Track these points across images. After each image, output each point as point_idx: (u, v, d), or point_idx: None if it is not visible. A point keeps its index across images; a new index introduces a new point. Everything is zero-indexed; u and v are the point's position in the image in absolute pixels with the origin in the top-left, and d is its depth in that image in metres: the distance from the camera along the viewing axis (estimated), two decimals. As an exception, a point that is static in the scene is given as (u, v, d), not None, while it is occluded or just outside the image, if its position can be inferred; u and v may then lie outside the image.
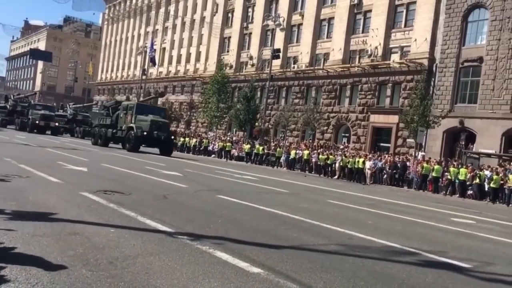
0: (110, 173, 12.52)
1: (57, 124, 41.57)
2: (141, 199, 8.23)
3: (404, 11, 36.98)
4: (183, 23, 65.32)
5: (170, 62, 68.47)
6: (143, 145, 27.49)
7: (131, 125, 27.20)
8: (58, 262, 3.94)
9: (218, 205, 8.55)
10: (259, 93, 47.01)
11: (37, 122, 39.99)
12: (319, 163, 29.33)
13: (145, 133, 26.09)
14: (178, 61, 66.65)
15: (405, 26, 36.76)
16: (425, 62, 33.69)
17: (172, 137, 29.72)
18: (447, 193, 23.17)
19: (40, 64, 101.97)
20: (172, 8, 68.90)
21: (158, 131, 26.58)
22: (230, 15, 56.45)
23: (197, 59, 62.85)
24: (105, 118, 31.19)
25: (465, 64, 31.73)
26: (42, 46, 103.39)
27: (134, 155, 23.32)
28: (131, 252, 4.49)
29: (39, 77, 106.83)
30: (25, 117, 42.46)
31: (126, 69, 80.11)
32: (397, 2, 37.35)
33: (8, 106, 47.27)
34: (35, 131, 39.35)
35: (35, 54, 79.32)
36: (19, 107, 45.78)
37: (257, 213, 8.24)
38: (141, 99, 35.85)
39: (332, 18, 42.65)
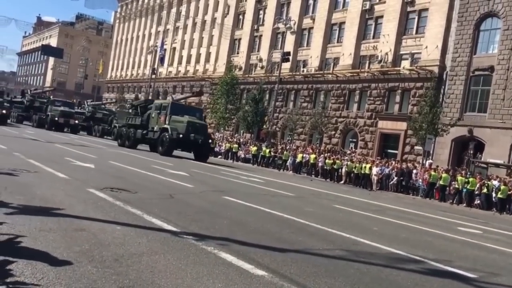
0: (117, 171, 12.57)
1: (76, 121, 39.84)
2: (148, 197, 8.25)
3: (416, 17, 36.84)
4: (194, 24, 65.52)
5: (180, 62, 68.67)
6: (177, 149, 25.36)
7: (165, 126, 24.78)
8: (64, 257, 3.96)
9: (223, 206, 8.56)
10: (267, 96, 47.02)
11: (56, 119, 37.92)
12: (325, 167, 29.26)
13: (180, 135, 23.72)
14: (188, 61, 66.84)
15: (416, 33, 36.62)
16: (436, 69, 33.53)
17: (210, 140, 26.95)
18: (454, 202, 23.03)
19: (51, 60, 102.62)
20: (183, 8, 69.15)
21: (195, 134, 24.18)
22: (241, 17, 56.55)
23: (207, 60, 62.99)
24: (134, 118, 28.88)
25: (476, 73, 31.55)
26: (53, 42, 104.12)
27: (140, 153, 23.38)
28: (137, 250, 4.51)
29: (49, 73, 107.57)
30: (43, 114, 40.51)
31: (136, 68, 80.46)
32: (409, 9, 37.23)
33: (25, 102, 45.00)
34: (53, 128, 37.66)
35: (46, 50, 79.83)
36: (37, 102, 43.70)
37: (262, 215, 8.24)
38: (175, 97, 32.36)
39: (343, 22, 42.58)
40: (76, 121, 39.64)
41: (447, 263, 6.06)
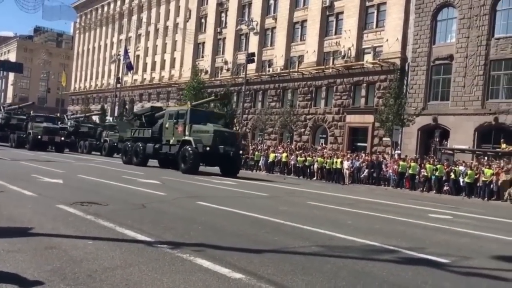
0: (86, 184, 12.33)
1: (62, 138, 35.44)
2: (119, 209, 8.13)
3: (375, 12, 37.54)
4: (156, 30, 64.95)
5: (144, 70, 67.97)
6: (202, 164, 21.95)
7: (186, 138, 21.19)
8: (35, 278, 3.85)
9: (197, 212, 8.51)
10: (235, 98, 47.02)
11: (39, 137, 33.73)
12: (297, 165, 29.48)
13: (207, 148, 20.11)
14: (153, 68, 66.22)
15: (376, 26, 37.31)
16: (398, 61, 34.23)
17: (241, 152, 23.28)
18: (424, 189, 23.55)
19: (11, 75, 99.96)
20: (144, 15, 68.45)
21: (225, 145, 20.53)
22: (203, 20, 56.38)
23: (172, 66, 62.54)
24: (141, 130, 25.07)
25: (436, 62, 32.37)
26: (12, 57, 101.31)
27: (111, 164, 23.01)
28: (110, 264, 4.43)
29: (10, 89, 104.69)
30: (22, 132, 36.29)
31: (100, 78, 79.17)
32: (368, 4, 37.89)
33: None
34: (35, 148, 33.38)
35: (5, 65, 77.52)
36: (14, 120, 38.77)
37: (237, 218, 8.23)
38: (193, 102, 27.88)
39: (305, 20, 43.01)
40: (62, 138, 35.53)
41: (420, 251, 6.19)
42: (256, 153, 33.45)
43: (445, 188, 23.09)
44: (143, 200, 9.38)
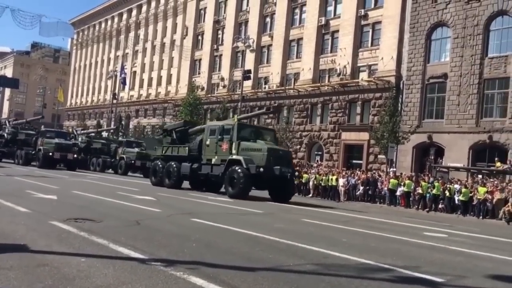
0: (80, 200, 12.26)
1: (75, 155, 32.28)
2: (113, 225, 8.07)
3: (370, 30, 37.96)
4: (153, 47, 65.34)
5: (141, 86, 68.18)
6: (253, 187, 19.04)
7: (234, 157, 18.47)
8: (26, 295, 3.81)
9: (192, 229, 8.46)
10: (231, 114, 47.09)
11: (50, 154, 30.97)
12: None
13: (261, 169, 17.40)
14: (149, 84, 66.44)
15: (371, 45, 37.69)
16: (393, 79, 34.52)
17: (296, 173, 21.10)
18: (419, 207, 23.53)
19: (7, 91, 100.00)
20: (141, 32, 68.91)
21: (282, 166, 17.81)
22: (200, 37, 56.81)
23: (168, 82, 62.79)
24: (174, 148, 22.30)
25: (431, 80, 32.67)
26: (9, 72, 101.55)
27: (106, 180, 22.89)
28: (103, 282, 4.39)
29: (6, 104, 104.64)
30: (30, 148, 33.58)
31: (97, 94, 79.33)
32: (363, 22, 38.32)
33: (5, 135, 36.55)
34: (46, 166, 30.64)
35: (1, 81, 77.34)
36: (22, 135, 35.76)
37: (231, 235, 8.18)
38: (239, 115, 24.82)
39: (301, 38, 43.42)
40: (75, 155, 32.25)
41: (415, 269, 6.17)
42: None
43: (440, 206, 23.09)
44: (138, 217, 9.33)
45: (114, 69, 67.11)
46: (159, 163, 22.49)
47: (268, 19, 47.78)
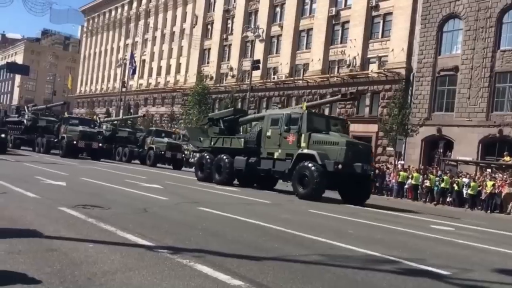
0: (89, 187, 12.36)
1: (100, 144, 30.48)
2: (121, 213, 8.14)
3: (381, 21, 37.62)
4: (163, 35, 65.29)
5: (150, 74, 68.28)
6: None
7: (305, 151, 16.04)
8: (34, 279, 3.86)
9: (198, 217, 8.51)
10: (239, 104, 47.08)
11: (74, 142, 29.15)
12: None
13: (339, 166, 15.03)
14: (158, 73, 66.51)
15: (382, 36, 37.38)
16: (403, 71, 34.25)
17: (372, 172, 18.53)
18: (427, 200, 23.47)
19: (18, 77, 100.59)
20: (151, 20, 68.87)
21: (363, 163, 15.57)
22: (209, 26, 56.65)
23: (177, 71, 62.81)
24: (226, 139, 19.66)
25: (441, 73, 32.38)
26: (19, 59, 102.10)
27: (113, 167, 23.01)
28: (110, 268, 4.43)
29: (16, 91, 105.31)
30: (52, 136, 32.00)
31: (106, 82, 79.58)
32: (374, 13, 37.99)
33: (24, 121, 35.02)
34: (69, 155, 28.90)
35: (12, 67, 78.25)
36: (43, 122, 34.14)
37: (238, 224, 8.22)
38: (307, 103, 21.97)
39: (311, 29, 43.14)
40: (100, 144, 30.52)
41: (421, 262, 6.16)
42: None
43: (448, 199, 23.01)
44: (145, 205, 9.40)
45: (124, 57, 67.26)
46: (207, 156, 20.10)
47: (278, 9, 47.50)
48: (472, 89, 30.24)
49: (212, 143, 20.23)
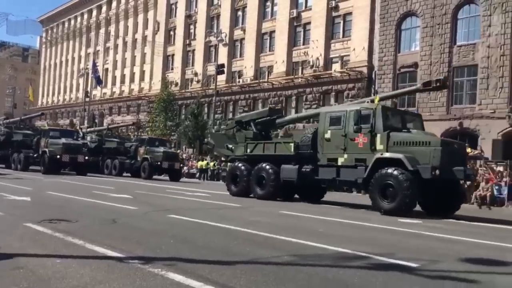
0: (55, 201, 12.05)
1: (86, 158, 27.80)
2: (89, 225, 7.98)
3: (341, 22, 38.29)
4: (125, 43, 64.52)
5: (113, 83, 67.30)
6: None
7: (387, 155, 13.07)
8: (0, 300, 3.75)
9: (169, 225, 8.43)
10: (206, 109, 46.98)
11: (58, 156, 26.72)
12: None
13: (437, 172, 12.12)
14: (122, 81, 65.64)
15: (343, 36, 38.02)
16: (365, 70, 34.93)
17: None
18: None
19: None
20: (112, 28, 67.90)
21: (458, 166, 12.78)
22: (172, 32, 56.33)
23: (142, 78, 62.14)
24: (268, 145, 16.89)
25: (402, 70, 33.21)
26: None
27: (81, 179, 22.48)
28: (79, 282, 4.34)
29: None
30: (29, 151, 28.97)
31: (68, 92, 77.96)
32: (334, 14, 38.62)
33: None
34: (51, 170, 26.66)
35: (-32, 81, 75.45)
36: (19, 135, 31.01)
37: (209, 230, 8.19)
38: (379, 95, 18.85)
39: (273, 31, 43.50)
40: (86, 157, 27.89)
41: (391, 256, 6.29)
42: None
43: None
44: (114, 215, 9.24)
45: (86, 66, 66.05)
46: (241, 165, 17.19)
47: (240, 13, 47.67)
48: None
49: (249, 151, 17.15)
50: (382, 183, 12.80)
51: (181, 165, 31.74)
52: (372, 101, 14.90)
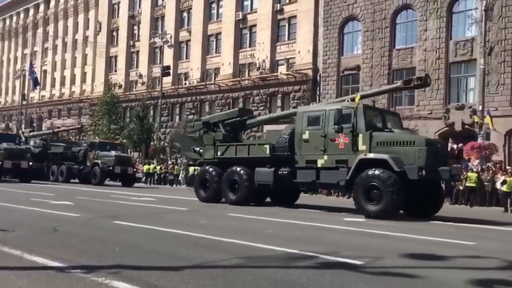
0: (-10, 210, 11.41)
1: (30, 163, 26.56)
2: (27, 234, 7.60)
3: (287, 25, 38.84)
4: (65, 44, 62.29)
5: (53, 85, 64.73)
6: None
7: (371, 156, 12.64)
8: None
9: (114, 232, 8.19)
10: (152, 112, 46.17)
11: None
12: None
13: (423, 172, 11.83)
14: (62, 83, 63.26)
15: (288, 39, 38.56)
16: (310, 72, 35.58)
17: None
18: (339, 194, 24.47)
19: None
20: (51, 28, 65.30)
21: (441, 165, 12.41)
22: (115, 33, 54.95)
23: (83, 80, 60.17)
24: (241, 147, 16.06)
25: (345, 72, 34.11)
26: None
27: (23, 187, 21.44)
28: (17, 295, 4.12)
29: None
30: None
31: (4, 95, 74.14)
32: (279, 17, 39.09)
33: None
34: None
35: None
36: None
37: (156, 235, 8.02)
38: (361, 92, 18.83)
39: (220, 33, 43.43)
40: (30, 163, 26.53)
41: (337, 254, 6.41)
42: (176, 167, 32.99)
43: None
44: (54, 223, 8.85)
45: (22, 68, 63.11)
46: (211, 169, 16.28)
47: (185, 14, 47.23)
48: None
49: (219, 153, 16.22)
50: (367, 185, 12.27)
51: (135, 169, 30.63)
52: (353, 99, 14.25)
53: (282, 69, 38.44)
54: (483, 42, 26.48)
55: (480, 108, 25.08)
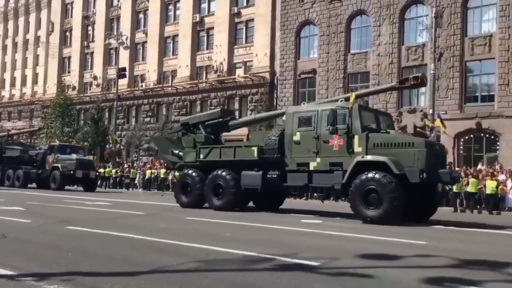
0: None
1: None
2: (-26, 242, 7.27)
3: (244, 28, 38.98)
4: (15, 44, 60.07)
5: (3, 86, 62.25)
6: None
7: (368, 158, 12.19)
8: None
9: (67, 238, 7.95)
10: (107, 114, 45.19)
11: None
12: (175, 180, 29.05)
13: (424, 175, 11.49)
14: (12, 85, 60.94)
15: (246, 42, 38.70)
16: (267, 75, 35.84)
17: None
18: (297, 197, 24.71)
19: None
20: (0, 28, 62.77)
21: (440, 168, 12.41)
22: (68, 34, 53.49)
23: (35, 82, 58.18)
24: (225, 150, 15.37)
25: (302, 76, 34.57)
26: None
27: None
28: (-38, 306, 3.94)
29: None
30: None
31: None
32: (236, 20, 39.17)
33: None
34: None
35: None
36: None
37: (111, 240, 7.86)
38: (356, 91, 18.23)
39: (177, 35, 43.08)
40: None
41: (294, 256, 6.47)
42: (132, 170, 32.42)
43: (316, 194, 24.40)
44: (4, 230, 8.50)
45: (-31, 68, 60.38)
46: (193, 173, 15.52)
47: (141, 15, 46.56)
48: (330, 89, 32.75)
49: (202, 156, 15.38)
50: (364, 188, 11.68)
51: (97, 173, 29.80)
52: (347, 99, 13.50)
53: (239, 72, 38.53)
54: (433, 47, 27.46)
55: (431, 111, 25.97)
